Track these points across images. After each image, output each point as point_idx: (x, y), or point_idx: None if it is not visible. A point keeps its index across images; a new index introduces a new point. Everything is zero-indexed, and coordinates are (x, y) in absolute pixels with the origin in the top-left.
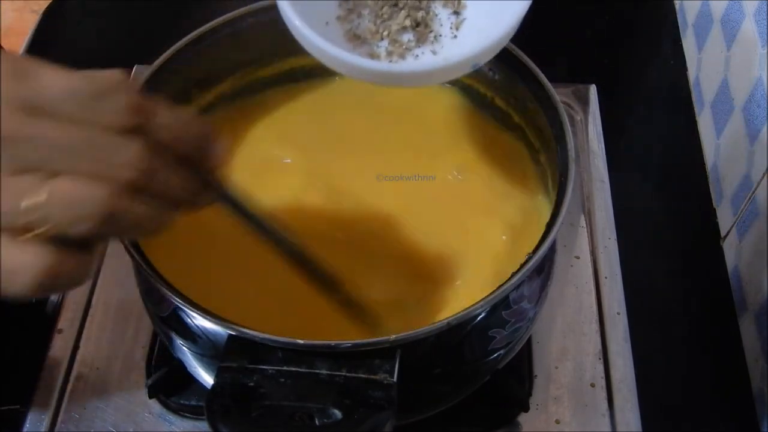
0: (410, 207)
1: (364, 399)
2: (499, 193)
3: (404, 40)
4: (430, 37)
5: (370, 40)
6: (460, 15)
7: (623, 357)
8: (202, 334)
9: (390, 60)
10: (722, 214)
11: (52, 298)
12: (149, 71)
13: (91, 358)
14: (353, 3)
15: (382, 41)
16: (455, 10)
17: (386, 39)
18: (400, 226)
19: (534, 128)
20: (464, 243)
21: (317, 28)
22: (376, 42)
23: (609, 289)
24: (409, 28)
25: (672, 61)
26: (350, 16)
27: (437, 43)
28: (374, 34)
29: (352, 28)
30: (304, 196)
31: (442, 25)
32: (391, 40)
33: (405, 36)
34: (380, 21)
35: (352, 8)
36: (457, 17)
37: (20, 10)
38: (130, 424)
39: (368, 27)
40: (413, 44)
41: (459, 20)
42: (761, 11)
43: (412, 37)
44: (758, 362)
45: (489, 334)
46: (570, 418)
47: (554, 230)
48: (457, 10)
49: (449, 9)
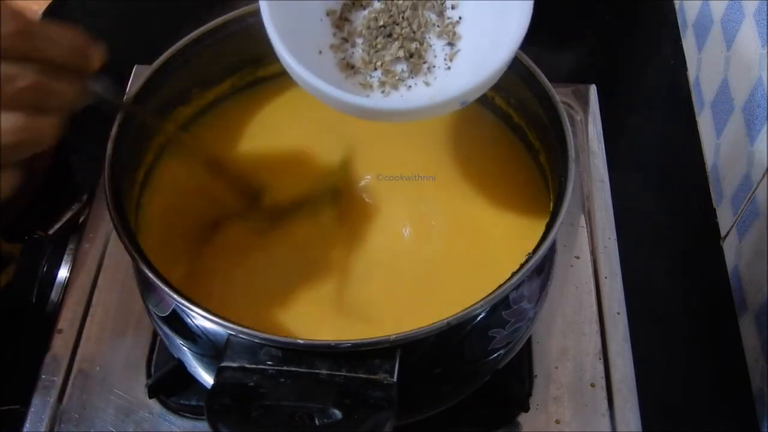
0: (410, 207)
1: (364, 399)
2: (499, 193)
3: (397, 71)
4: (423, 68)
5: (363, 69)
6: (455, 46)
7: (623, 357)
8: (202, 334)
9: (382, 90)
10: (722, 214)
11: (53, 298)
12: (149, 71)
13: (91, 358)
14: (347, 32)
15: (376, 71)
16: (450, 41)
17: (379, 69)
18: (400, 226)
19: (534, 128)
20: (464, 243)
21: (309, 56)
22: (369, 72)
23: (609, 289)
24: (402, 58)
25: (672, 61)
26: (344, 45)
27: (430, 74)
28: (367, 64)
29: (346, 57)
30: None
31: (436, 56)
32: (384, 70)
33: (398, 66)
34: (374, 51)
35: (347, 37)
36: (451, 48)
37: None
38: (130, 424)
39: (362, 57)
40: (406, 75)
41: (453, 51)
42: (761, 11)
43: (405, 68)
44: (758, 362)
45: (489, 334)
46: (570, 418)
47: (554, 230)
48: (451, 42)
49: (444, 40)
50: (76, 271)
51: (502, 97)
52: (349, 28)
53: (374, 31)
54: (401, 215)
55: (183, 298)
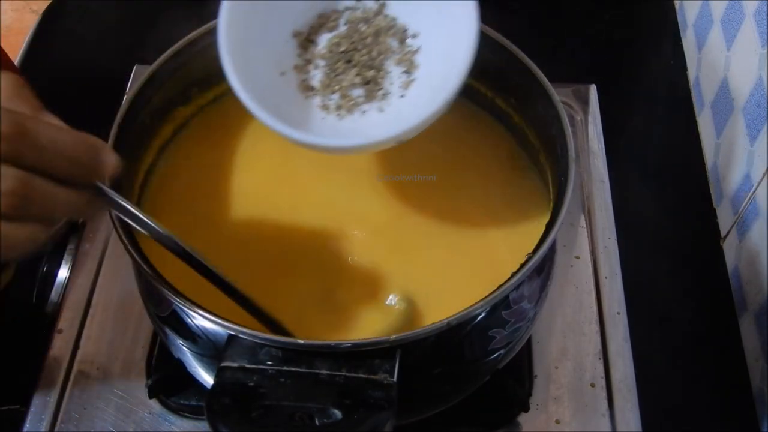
0: (410, 207)
1: (364, 399)
2: (499, 193)
3: (354, 96)
4: (378, 95)
5: (322, 92)
6: (411, 74)
7: (623, 357)
8: (202, 334)
9: (338, 114)
10: (722, 214)
11: (53, 298)
12: (149, 71)
13: (91, 358)
14: (311, 54)
15: (334, 94)
16: (407, 70)
17: (337, 92)
18: (400, 226)
19: (534, 128)
20: (464, 243)
21: (267, 78)
22: (327, 95)
23: (609, 289)
24: (359, 84)
25: (672, 61)
26: (307, 67)
27: (384, 101)
28: (326, 87)
29: (307, 78)
30: (304, 195)
31: (393, 83)
32: (342, 94)
33: (355, 92)
34: (333, 75)
35: (310, 59)
36: (408, 76)
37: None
38: (130, 424)
39: (322, 80)
40: (362, 100)
41: (409, 80)
42: (761, 11)
43: (362, 93)
44: (758, 362)
45: (489, 334)
46: (570, 418)
47: (554, 230)
48: (408, 70)
49: (402, 68)
50: (76, 271)
51: (502, 97)
52: (313, 50)
53: (336, 56)
54: (401, 215)
55: (183, 298)
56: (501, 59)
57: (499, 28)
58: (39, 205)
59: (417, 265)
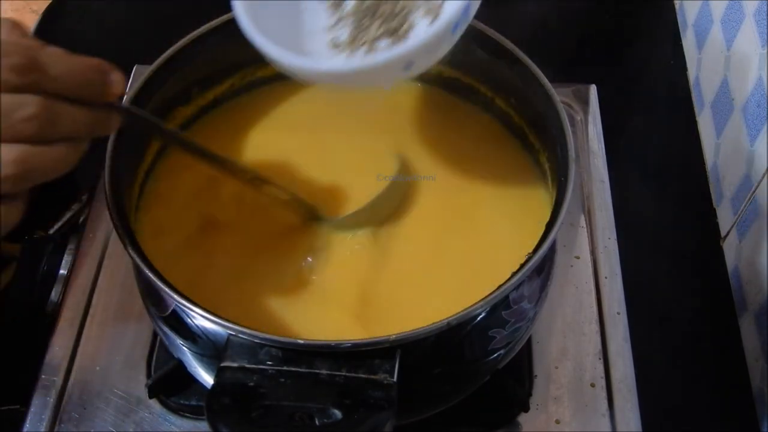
0: (410, 207)
1: (364, 399)
2: (499, 193)
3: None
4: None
5: (350, 46)
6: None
7: (623, 357)
8: (202, 334)
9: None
10: (722, 214)
11: (53, 298)
12: (149, 71)
13: (91, 358)
14: (341, 13)
15: (362, 46)
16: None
17: (365, 46)
18: (400, 226)
19: (534, 128)
20: (464, 243)
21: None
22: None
23: (609, 289)
24: (383, 35)
25: (672, 61)
26: (337, 25)
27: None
28: (353, 41)
29: (336, 37)
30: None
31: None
32: (368, 47)
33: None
34: (360, 31)
35: (341, 17)
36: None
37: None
38: (130, 424)
39: (349, 35)
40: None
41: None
42: (761, 11)
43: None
44: (758, 362)
45: (489, 334)
46: (570, 418)
47: (554, 230)
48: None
49: (429, 18)
50: (76, 271)
51: (502, 97)
52: (342, 11)
53: (360, 13)
54: (401, 215)
55: (183, 298)
56: (501, 59)
57: (499, 27)
58: (64, 125)
59: (417, 264)
